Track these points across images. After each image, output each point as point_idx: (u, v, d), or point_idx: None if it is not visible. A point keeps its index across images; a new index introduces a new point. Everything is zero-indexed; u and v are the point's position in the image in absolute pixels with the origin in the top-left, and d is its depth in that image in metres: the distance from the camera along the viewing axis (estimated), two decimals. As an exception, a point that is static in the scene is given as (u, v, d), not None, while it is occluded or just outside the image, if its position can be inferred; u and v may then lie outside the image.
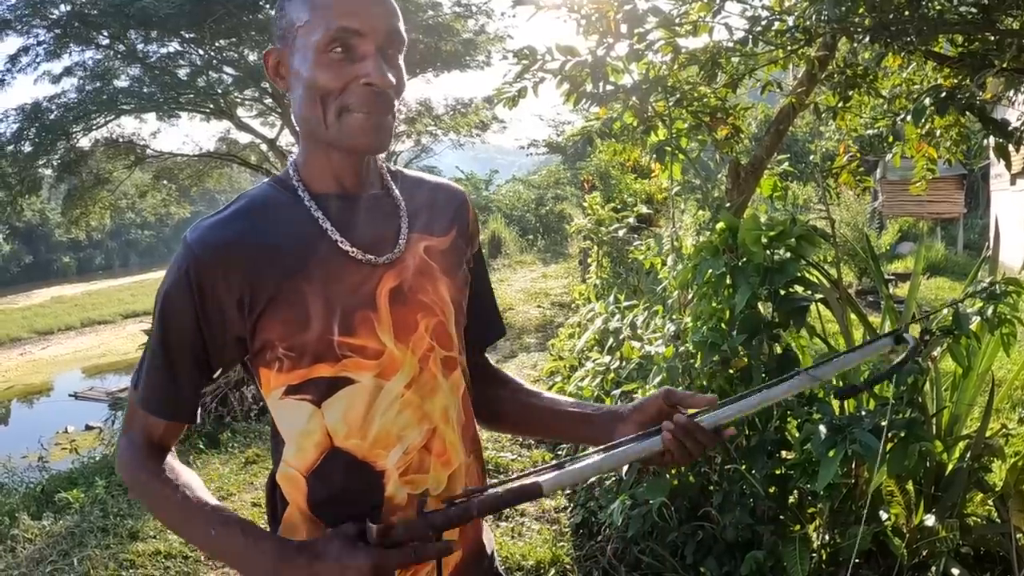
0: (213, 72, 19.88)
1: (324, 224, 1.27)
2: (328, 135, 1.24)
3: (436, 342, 1.33)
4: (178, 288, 1.23)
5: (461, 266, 1.43)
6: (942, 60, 3.76)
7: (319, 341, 1.23)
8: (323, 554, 1.16)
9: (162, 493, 1.27)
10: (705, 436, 1.26)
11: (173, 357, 1.26)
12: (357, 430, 1.26)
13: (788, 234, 2.93)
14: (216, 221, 1.27)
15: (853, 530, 2.95)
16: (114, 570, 4.25)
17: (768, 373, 3.01)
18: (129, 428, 1.32)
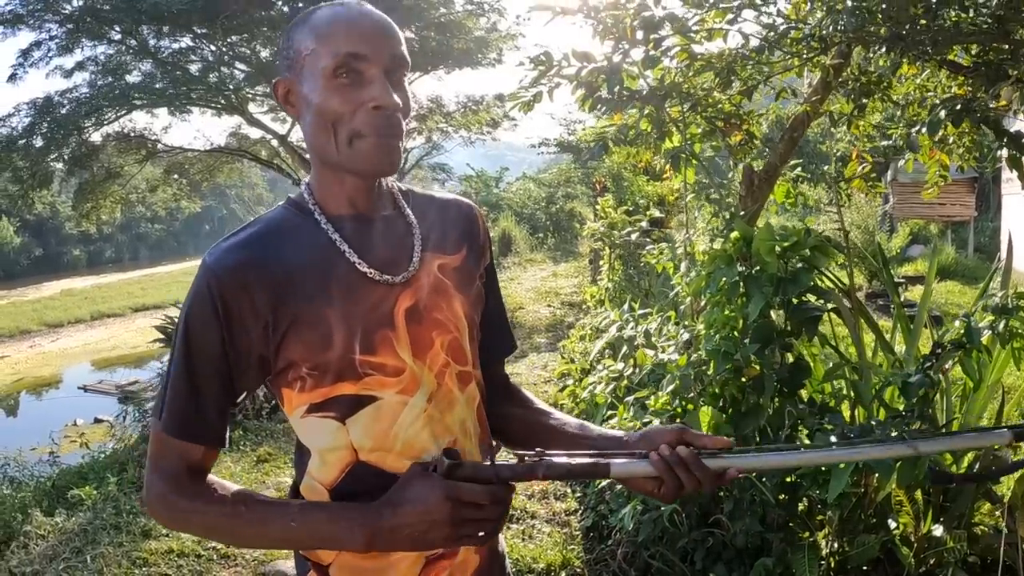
0: (225, 68, 19.89)
1: (342, 246, 1.30)
2: (339, 160, 1.27)
3: (451, 358, 1.36)
4: (203, 310, 1.25)
5: (474, 282, 1.46)
6: (957, 69, 3.76)
7: (341, 360, 1.26)
8: (404, 500, 1.21)
9: (220, 512, 1.27)
10: (702, 472, 1.23)
11: (199, 380, 1.27)
12: (381, 444, 1.29)
13: (802, 245, 2.94)
14: (235, 243, 1.29)
15: (862, 538, 2.97)
16: (127, 568, 4.28)
17: (780, 382, 3.03)
18: (158, 464, 1.30)
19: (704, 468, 1.23)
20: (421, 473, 1.23)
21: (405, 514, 1.20)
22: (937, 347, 2.77)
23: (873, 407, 3.15)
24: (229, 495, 1.28)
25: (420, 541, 1.22)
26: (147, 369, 17.88)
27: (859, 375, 3.21)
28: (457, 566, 1.37)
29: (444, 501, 1.19)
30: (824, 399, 3.25)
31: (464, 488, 1.20)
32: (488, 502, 1.21)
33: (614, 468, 1.24)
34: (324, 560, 1.34)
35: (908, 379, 2.65)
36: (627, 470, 1.26)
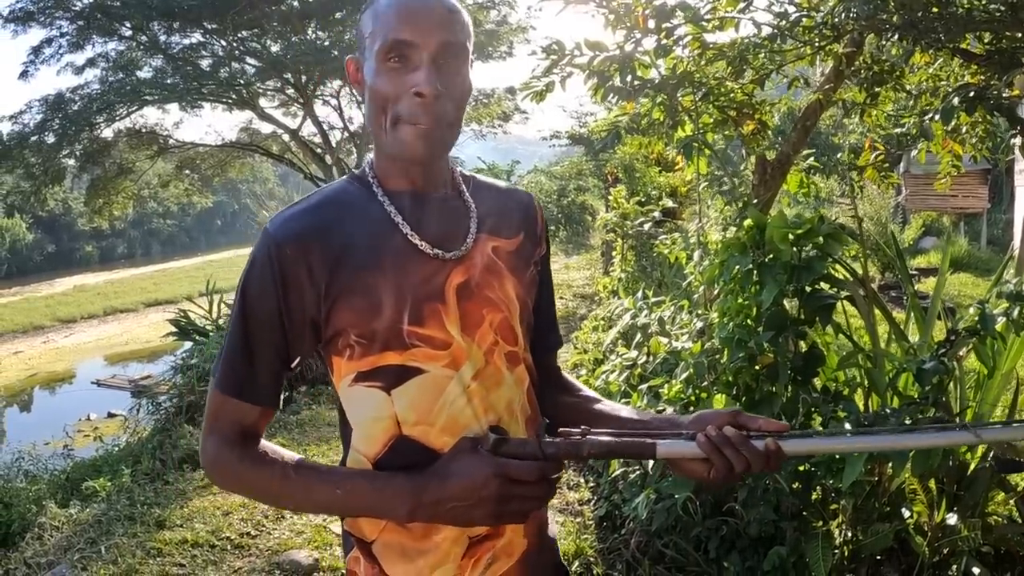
0: (235, 63, 19.92)
1: (397, 219, 1.33)
2: (385, 143, 1.30)
3: (500, 337, 1.38)
4: (261, 275, 1.28)
5: (529, 267, 1.48)
6: (970, 57, 3.74)
7: (389, 329, 1.28)
8: (451, 473, 1.23)
9: (270, 475, 1.29)
10: (750, 452, 1.22)
11: (254, 343, 1.30)
12: (425, 418, 1.30)
13: (816, 232, 2.93)
14: (295, 212, 1.33)
15: (875, 527, 2.95)
16: (141, 558, 4.29)
17: (794, 370, 3.02)
18: (214, 425, 1.33)
19: (752, 448, 1.22)
20: (469, 448, 1.25)
21: (451, 487, 1.22)
22: (951, 334, 2.76)
23: (887, 395, 3.13)
24: (280, 459, 1.31)
25: (462, 516, 1.23)
26: (160, 363, 17.95)
27: (873, 363, 3.20)
28: (502, 548, 1.38)
29: (492, 477, 1.20)
30: (838, 387, 3.24)
31: (512, 464, 1.21)
32: (535, 479, 1.21)
33: (660, 448, 1.23)
34: (368, 537, 1.35)
35: (922, 366, 2.64)
36: (673, 450, 1.24)
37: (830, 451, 1.60)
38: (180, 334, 10.05)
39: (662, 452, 1.23)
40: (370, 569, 1.36)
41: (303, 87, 20.15)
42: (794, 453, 1.24)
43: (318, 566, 4.11)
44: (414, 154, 1.29)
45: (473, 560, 1.35)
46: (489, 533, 1.35)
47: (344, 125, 22.57)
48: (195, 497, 5.20)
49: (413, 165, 1.34)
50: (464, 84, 1.33)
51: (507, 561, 1.39)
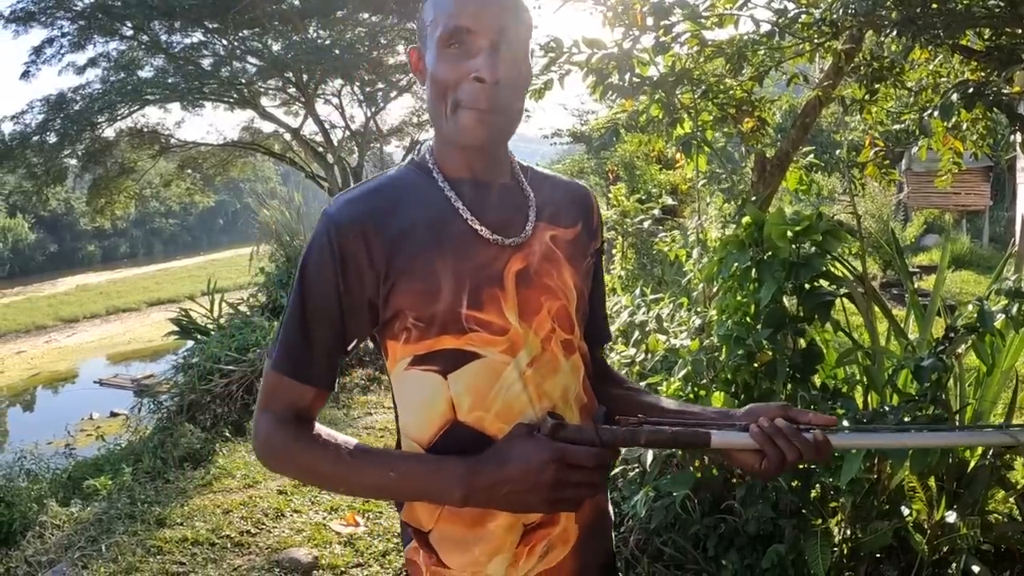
0: (237, 62, 19.94)
1: (457, 204, 1.34)
2: (446, 129, 1.32)
3: (557, 324, 1.39)
4: (321, 257, 1.29)
5: (586, 257, 1.49)
6: (969, 54, 3.73)
7: (448, 312, 1.29)
8: (508, 457, 1.23)
9: (323, 457, 1.29)
10: (801, 443, 1.24)
11: (311, 324, 1.31)
12: (480, 403, 1.31)
13: (814, 229, 2.92)
14: (356, 195, 1.34)
15: (875, 525, 2.94)
16: (142, 556, 4.30)
17: (792, 367, 3.02)
18: (268, 405, 1.34)
19: (803, 439, 1.24)
20: (526, 433, 1.25)
21: (507, 471, 1.22)
22: (950, 331, 2.76)
23: (886, 392, 3.13)
24: (333, 442, 1.31)
25: (517, 502, 1.23)
26: (162, 363, 17.94)
27: (872, 360, 3.20)
28: (557, 536, 1.38)
29: (549, 462, 1.20)
30: (836, 385, 3.23)
31: (570, 450, 1.21)
32: (592, 465, 1.22)
33: (715, 437, 1.25)
34: (425, 527, 1.37)
35: (920, 363, 2.63)
36: (727, 440, 1.26)
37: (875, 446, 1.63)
38: (182, 333, 10.05)
39: (716, 441, 1.25)
40: (428, 559, 1.37)
41: (304, 86, 20.14)
42: (841, 446, 1.28)
43: (317, 564, 4.11)
44: (474, 139, 1.31)
45: (528, 548, 1.36)
46: (543, 521, 1.36)
47: (346, 124, 22.57)
48: (195, 495, 5.21)
49: (473, 151, 1.36)
50: (523, 71, 1.33)
51: (562, 550, 1.39)
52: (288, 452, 1.31)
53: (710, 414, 1.40)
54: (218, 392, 7.83)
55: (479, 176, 1.38)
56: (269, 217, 10.12)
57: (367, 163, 23.60)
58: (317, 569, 4.08)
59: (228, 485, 5.38)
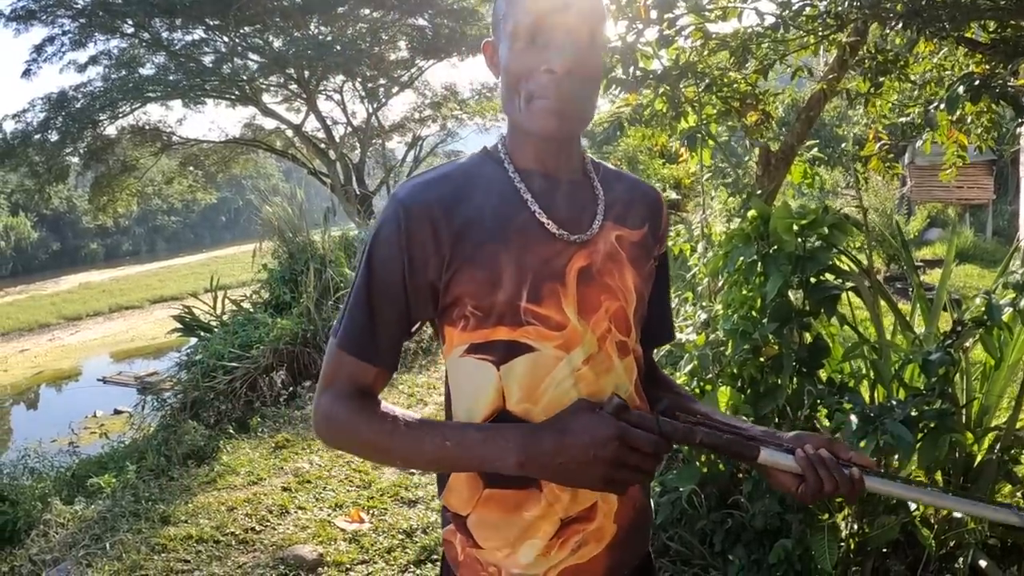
0: (238, 59, 19.97)
1: (525, 195, 1.35)
2: (519, 119, 1.33)
3: (614, 325, 1.38)
4: (389, 239, 1.30)
5: (649, 261, 1.48)
6: (974, 46, 3.71)
7: (506, 304, 1.29)
8: (569, 428, 1.22)
9: (381, 428, 1.30)
10: (841, 477, 1.26)
11: (375, 304, 1.32)
12: (529, 396, 1.31)
13: (820, 222, 2.91)
14: (425, 180, 1.35)
15: (881, 520, 2.93)
16: (146, 554, 4.28)
17: (799, 362, 3.00)
18: (330, 383, 1.35)
19: (842, 473, 1.26)
20: (589, 408, 1.24)
21: (569, 441, 1.21)
22: (958, 324, 2.74)
23: (893, 386, 3.11)
24: (392, 414, 1.32)
25: (572, 475, 1.22)
26: (166, 360, 17.94)
27: (878, 354, 3.18)
28: (592, 532, 1.38)
29: (612, 439, 1.19)
30: (843, 379, 3.22)
31: (633, 431, 1.20)
32: (651, 451, 1.21)
33: (763, 453, 1.27)
34: (463, 511, 1.38)
35: (928, 357, 2.62)
36: (774, 458, 1.28)
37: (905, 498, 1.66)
38: (185, 330, 10.04)
39: (763, 457, 1.27)
40: (465, 542, 1.39)
41: (306, 82, 20.16)
42: (873, 489, 1.29)
43: (322, 561, 4.10)
44: (545, 130, 1.31)
45: (561, 541, 1.36)
46: (580, 516, 1.35)
47: (347, 120, 22.57)
48: (200, 493, 5.20)
49: (544, 143, 1.36)
50: (595, 64, 1.34)
51: (595, 546, 1.39)
52: (349, 425, 1.33)
53: (756, 431, 1.39)
54: (222, 389, 7.82)
55: (550, 170, 1.38)
56: (272, 214, 10.07)
57: (369, 159, 23.62)
58: (322, 566, 4.07)
59: (232, 482, 5.37)
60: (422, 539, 4.26)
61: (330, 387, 1.35)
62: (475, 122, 23.61)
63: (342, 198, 20.63)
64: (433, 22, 20.22)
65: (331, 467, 5.51)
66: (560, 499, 1.33)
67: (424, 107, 23.18)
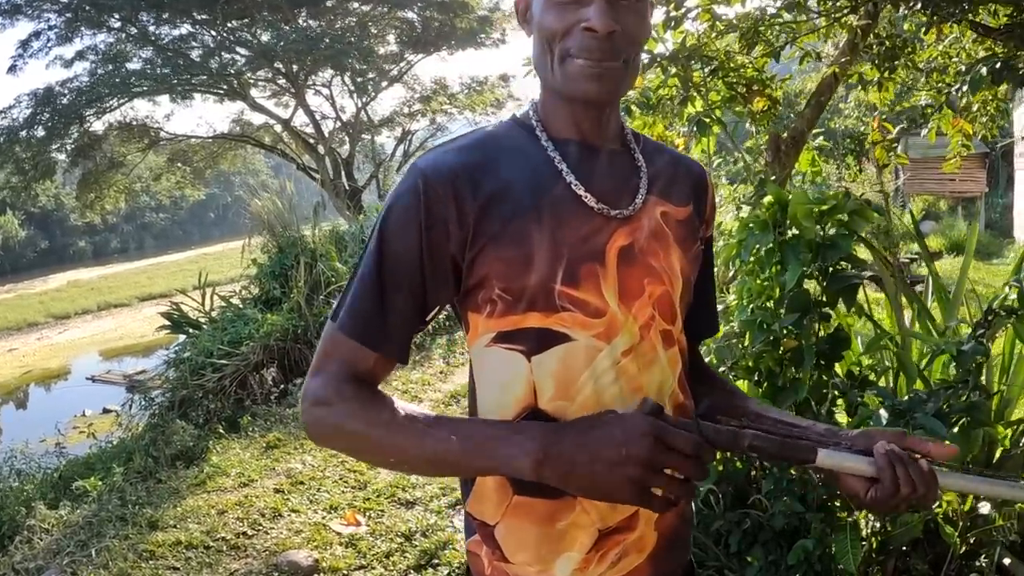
0: (226, 53, 20.00)
1: (560, 166, 1.21)
2: (554, 81, 1.19)
3: (658, 312, 1.24)
4: (405, 211, 1.17)
5: (696, 242, 1.33)
6: (987, 32, 3.64)
7: (539, 287, 1.15)
8: (597, 423, 1.06)
9: (377, 418, 1.14)
10: (919, 474, 1.10)
11: (386, 284, 1.17)
12: (565, 392, 1.17)
13: (841, 208, 2.78)
14: (449, 148, 1.22)
15: (904, 518, 2.82)
16: (134, 561, 4.13)
17: (819, 354, 2.88)
18: (323, 366, 1.20)
19: (921, 470, 1.10)
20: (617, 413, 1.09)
21: (593, 438, 1.04)
22: (988, 314, 2.64)
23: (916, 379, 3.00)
24: (390, 403, 1.17)
25: (598, 481, 1.04)
26: (154, 358, 17.81)
27: (899, 346, 3.07)
28: (633, 543, 1.23)
29: (645, 435, 1.02)
30: (862, 371, 3.10)
31: (670, 429, 1.03)
32: (691, 452, 1.03)
33: (821, 455, 1.09)
34: (490, 520, 1.23)
35: (962, 347, 2.50)
36: (834, 460, 1.11)
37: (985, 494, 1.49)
38: (173, 328, 9.88)
39: (822, 459, 1.10)
40: (492, 554, 1.25)
41: (294, 77, 20.12)
42: (946, 485, 1.14)
43: (318, 567, 3.95)
44: (583, 92, 1.17)
45: (600, 554, 1.21)
46: (620, 525, 1.21)
47: (336, 114, 22.57)
48: (188, 495, 5.05)
49: (581, 107, 1.21)
50: (642, 24, 1.19)
51: (636, 557, 1.24)
52: (338, 414, 1.16)
53: (817, 430, 1.23)
54: (210, 387, 7.67)
55: (587, 138, 1.23)
56: (261, 208, 9.94)
57: (358, 154, 23.59)
58: (318, 572, 3.92)
59: (222, 484, 5.22)
60: (422, 543, 4.12)
61: (321, 370, 1.20)
62: (465, 116, 23.64)
63: (331, 193, 20.58)
64: (422, 16, 20.19)
65: (325, 467, 5.37)
66: (597, 506, 1.18)
67: (413, 101, 23.15)
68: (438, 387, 7.36)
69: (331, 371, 1.19)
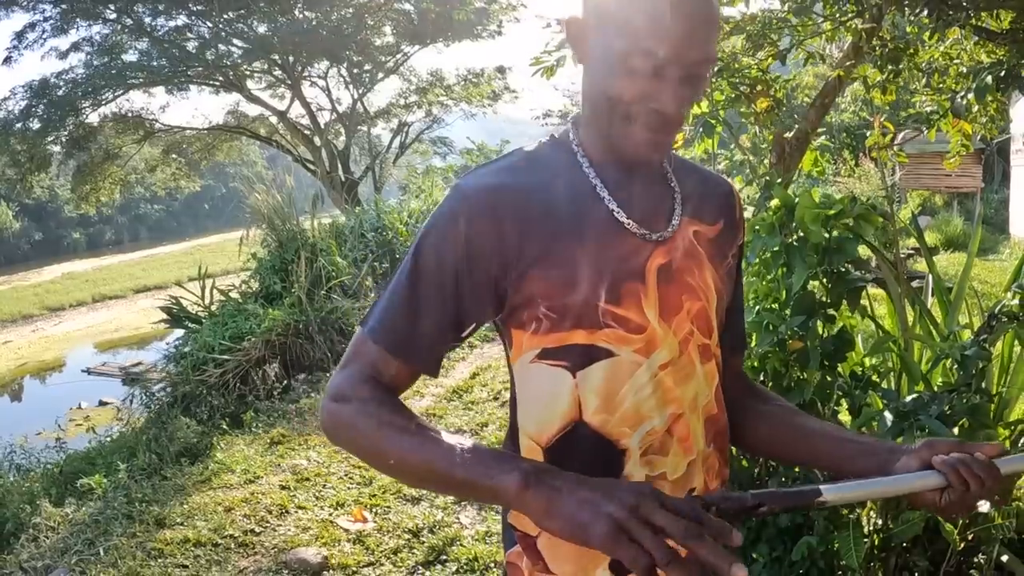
0: (222, 44, 19.90)
1: (602, 192, 1.24)
2: (607, 131, 1.21)
3: (696, 327, 1.28)
4: (446, 230, 1.19)
5: (727, 258, 1.37)
6: (990, 36, 3.66)
7: (584, 305, 1.19)
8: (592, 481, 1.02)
9: (388, 422, 1.14)
10: (984, 470, 1.13)
11: (420, 300, 1.20)
12: (607, 405, 1.21)
13: (847, 213, 2.82)
14: (493, 169, 1.25)
15: (905, 515, 2.86)
16: (142, 560, 4.15)
17: (824, 355, 2.92)
18: (348, 364, 1.22)
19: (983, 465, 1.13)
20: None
21: (592, 481, 1.02)
22: (991, 318, 2.68)
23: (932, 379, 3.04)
24: (402, 407, 1.17)
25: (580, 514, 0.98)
26: (150, 350, 17.83)
27: (900, 348, 3.11)
28: None
29: (643, 492, 0.97)
30: (865, 372, 3.14)
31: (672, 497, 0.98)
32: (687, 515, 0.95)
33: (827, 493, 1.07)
34: (532, 531, 1.26)
35: (965, 352, 2.54)
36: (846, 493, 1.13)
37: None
38: (173, 322, 9.87)
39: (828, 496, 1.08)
40: (533, 565, 1.27)
41: (290, 68, 20.06)
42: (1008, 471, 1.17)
43: (327, 564, 3.98)
44: (642, 158, 1.21)
45: None
46: None
47: (332, 106, 22.49)
48: (195, 493, 5.07)
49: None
50: (700, 93, 1.21)
51: None
52: (353, 412, 1.16)
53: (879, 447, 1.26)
54: (212, 383, 7.68)
55: (626, 164, 1.25)
56: (260, 201, 9.91)
57: (354, 146, 23.53)
58: (327, 570, 3.94)
59: (228, 481, 5.24)
60: (429, 539, 4.16)
61: (345, 368, 1.22)
62: (461, 108, 23.56)
63: (327, 185, 20.55)
64: (419, 7, 20.10)
65: (330, 463, 5.40)
66: None
67: (410, 93, 23.06)
68: (440, 382, 7.37)
69: (354, 370, 1.21)
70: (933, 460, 1.15)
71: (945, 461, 1.14)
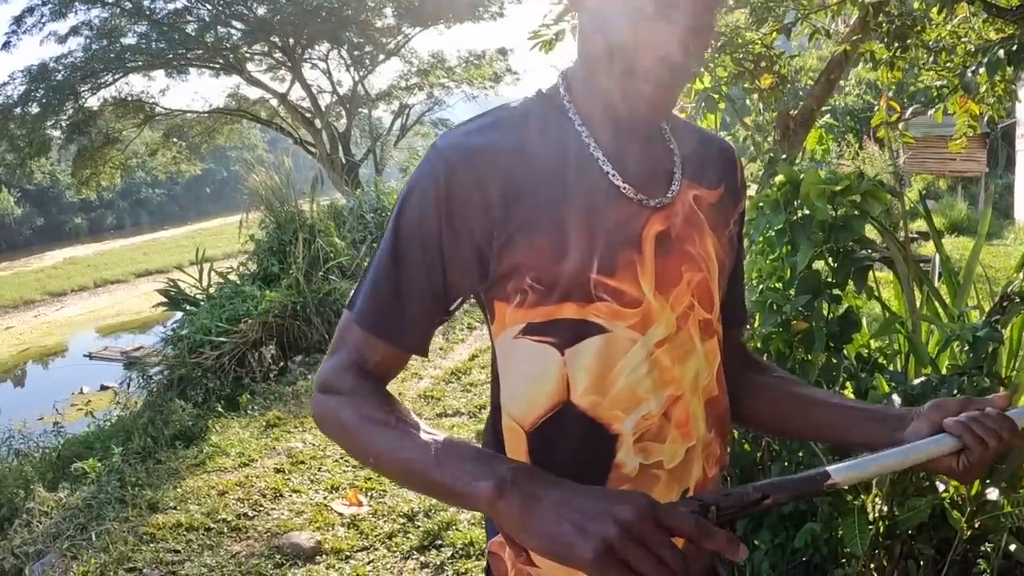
0: (221, 27, 19.85)
1: (596, 153, 1.13)
2: (607, 86, 1.10)
3: (697, 301, 1.18)
4: (424, 196, 1.10)
5: (728, 225, 1.26)
6: (1000, 13, 3.58)
7: (574, 276, 1.08)
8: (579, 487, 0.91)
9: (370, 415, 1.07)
10: (999, 423, 1.06)
11: (402, 274, 1.12)
12: (598, 386, 1.11)
13: (854, 189, 2.73)
14: (472, 128, 1.13)
15: (911, 502, 2.81)
16: (134, 544, 4.10)
17: (829, 336, 2.85)
18: (335, 351, 1.16)
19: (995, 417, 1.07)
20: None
21: (577, 489, 0.91)
22: (1004, 299, 2.61)
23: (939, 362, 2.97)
24: (387, 400, 1.10)
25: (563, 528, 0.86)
26: (151, 334, 17.81)
27: (908, 330, 3.04)
28: None
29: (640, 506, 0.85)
30: (871, 354, 3.07)
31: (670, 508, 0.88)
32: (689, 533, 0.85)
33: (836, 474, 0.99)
34: None
35: (976, 333, 2.46)
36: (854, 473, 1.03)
37: None
38: (171, 304, 9.83)
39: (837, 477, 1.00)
40: (516, 556, 1.18)
41: (291, 50, 20.01)
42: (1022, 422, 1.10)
43: (320, 548, 3.93)
44: (643, 117, 1.12)
45: None
46: None
47: (333, 88, 22.47)
48: (188, 476, 5.02)
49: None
50: (710, 38, 1.12)
51: None
52: (337, 403, 1.11)
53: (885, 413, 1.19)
54: (209, 365, 7.64)
55: (620, 119, 1.14)
56: (259, 183, 9.84)
57: (355, 128, 23.50)
58: (320, 554, 3.89)
59: (222, 464, 5.19)
60: (424, 523, 4.09)
61: (333, 355, 1.16)
62: (462, 90, 23.49)
63: (328, 167, 20.51)
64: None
65: (325, 447, 5.35)
66: None
67: (411, 75, 23.00)
68: (438, 363, 7.32)
69: (341, 357, 1.14)
70: (944, 423, 1.08)
71: (957, 422, 1.07)
